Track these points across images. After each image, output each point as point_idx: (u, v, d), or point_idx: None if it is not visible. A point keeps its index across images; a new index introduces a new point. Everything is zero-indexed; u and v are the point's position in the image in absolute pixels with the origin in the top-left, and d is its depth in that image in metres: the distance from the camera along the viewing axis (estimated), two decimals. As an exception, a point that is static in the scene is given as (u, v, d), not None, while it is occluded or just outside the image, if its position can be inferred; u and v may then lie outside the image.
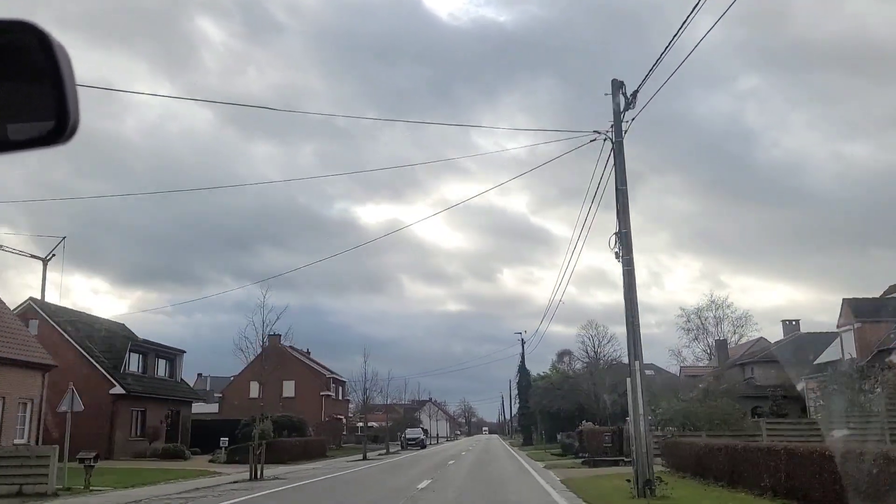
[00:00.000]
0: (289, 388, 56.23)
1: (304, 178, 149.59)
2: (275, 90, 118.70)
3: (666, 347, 71.19)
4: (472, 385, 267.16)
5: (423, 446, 64.00)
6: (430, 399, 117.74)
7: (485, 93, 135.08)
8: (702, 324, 58.48)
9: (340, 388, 70.16)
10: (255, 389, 57.14)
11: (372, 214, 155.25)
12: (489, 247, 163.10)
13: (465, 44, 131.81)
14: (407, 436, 65.95)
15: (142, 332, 45.48)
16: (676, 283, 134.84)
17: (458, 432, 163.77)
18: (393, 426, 73.39)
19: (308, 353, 68.30)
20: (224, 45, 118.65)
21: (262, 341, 29.35)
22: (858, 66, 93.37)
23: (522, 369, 68.21)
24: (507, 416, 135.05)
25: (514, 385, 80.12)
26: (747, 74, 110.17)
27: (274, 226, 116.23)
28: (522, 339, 66.19)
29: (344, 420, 69.21)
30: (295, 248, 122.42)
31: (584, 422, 40.96)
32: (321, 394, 63.80)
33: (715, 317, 59.68)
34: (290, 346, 54.04)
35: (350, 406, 74.49)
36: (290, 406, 51.27)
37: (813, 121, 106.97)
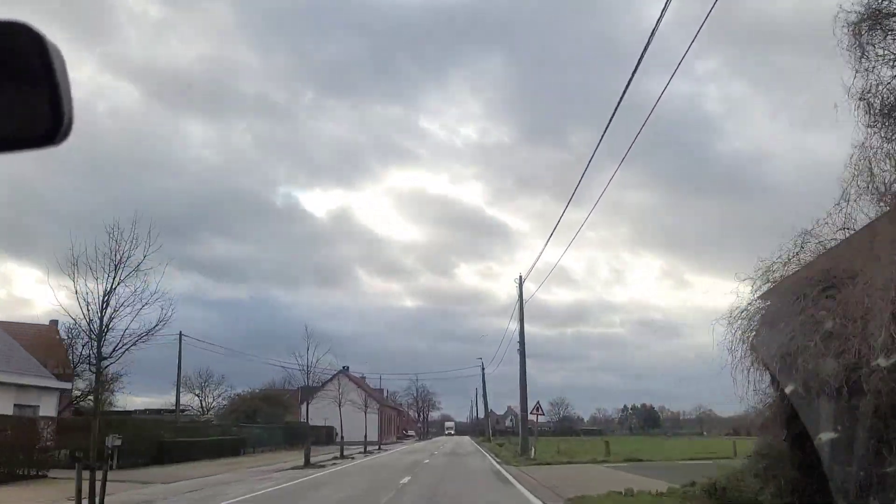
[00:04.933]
0: None
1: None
2: (202, 63, 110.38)
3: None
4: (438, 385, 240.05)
5: None
6: (345, 370, 66.89)
7: (432, 70, 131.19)
8: None
9: None
10: None
11: (319, 201, 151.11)
12: (445, 239, 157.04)
13: (408, 15, 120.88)
14: None
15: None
16: (639, 281, 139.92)
17: (411, 433, 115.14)
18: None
19: None
20: (144, 12, 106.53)
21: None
22: (818, 47, 67.11)
23: None
24: (479, 413, 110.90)
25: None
26: (706, 55, 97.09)
27: (216, 212, 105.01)
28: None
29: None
30: (239, 235, 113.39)
31: None
32: None
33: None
34: None
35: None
36: None
37: (775, 107, 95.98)
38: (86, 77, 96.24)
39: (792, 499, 10.82)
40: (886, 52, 10.90)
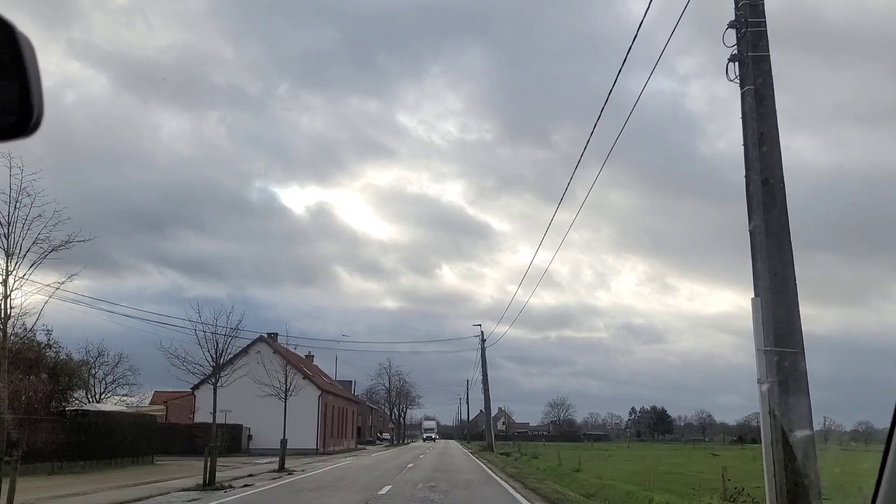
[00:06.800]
0: None
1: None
2: (174, 51, 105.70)
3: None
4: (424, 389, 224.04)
5: None
6: (272, 338, 46.36)
7: (410, 64, 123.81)
8: None
9: None
10: None
11: (297, 196, 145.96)
12: (425, 239, 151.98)
13: (386, 6, 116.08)
14: None
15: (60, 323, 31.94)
16: (623, 285, 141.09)
17: (386, 436, 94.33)
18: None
19: None
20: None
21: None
22: (805, 46, 62.51)
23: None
24: (467, 414, 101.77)
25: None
26: (688, 51, 66.13)
27: (190, 206, 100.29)
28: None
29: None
30: (215, 231, 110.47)
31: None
32: None
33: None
34: None
35: None
36: None
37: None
38: (64, 66, 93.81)
39: None
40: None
